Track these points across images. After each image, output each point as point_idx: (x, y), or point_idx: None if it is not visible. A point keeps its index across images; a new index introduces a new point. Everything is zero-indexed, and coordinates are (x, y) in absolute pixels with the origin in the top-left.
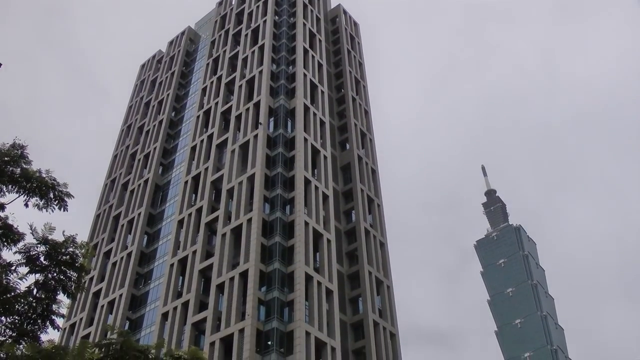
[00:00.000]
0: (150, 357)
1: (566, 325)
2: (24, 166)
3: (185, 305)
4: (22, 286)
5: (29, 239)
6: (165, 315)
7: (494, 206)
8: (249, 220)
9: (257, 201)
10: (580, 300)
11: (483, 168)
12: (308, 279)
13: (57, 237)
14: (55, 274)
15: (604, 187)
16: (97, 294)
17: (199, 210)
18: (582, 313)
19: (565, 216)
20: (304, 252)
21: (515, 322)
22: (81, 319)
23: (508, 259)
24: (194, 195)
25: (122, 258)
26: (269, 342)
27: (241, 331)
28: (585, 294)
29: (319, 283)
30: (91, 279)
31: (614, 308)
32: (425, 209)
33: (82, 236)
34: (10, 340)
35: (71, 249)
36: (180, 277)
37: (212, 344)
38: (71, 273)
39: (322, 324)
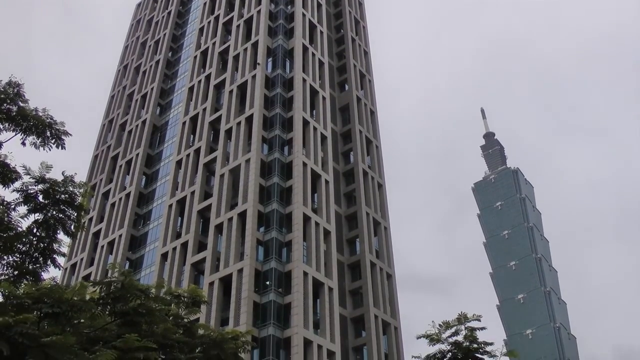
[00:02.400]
0: (151, 296)
1: (560, 268)
2: (21, 104)
3: (185, 245)
4: (23, 225)
5: (27, 179)
6: (164, 256)
7: (492, 149)
8: (247, 161)
9: (256, 142)
10: (575, 244)
11: (482, 110)
12: (306, 219)
13: (55, 176)
14: (54, 213)
15: (603, 134)
16: (96, 235)
17: (197, 151)
18: (577, 256)
19: (564, 161)
20: (302, 192)
21: (510, 264)
22: (82, 259)
23: (505, 202)
24: (192, 136)
25: (120, 199)
26: (267, 282)
27: (240, 271)
28: (580, 238)
29: (317, 224)
30: (90, 219)
31: (608, 252)
32: (423, 152)
33: (81, 177)
34: (12, 278)
35: (70, 188)
36: (179, 218)
37: (211, 284)
38: (70, 212)
39: (320, 264)
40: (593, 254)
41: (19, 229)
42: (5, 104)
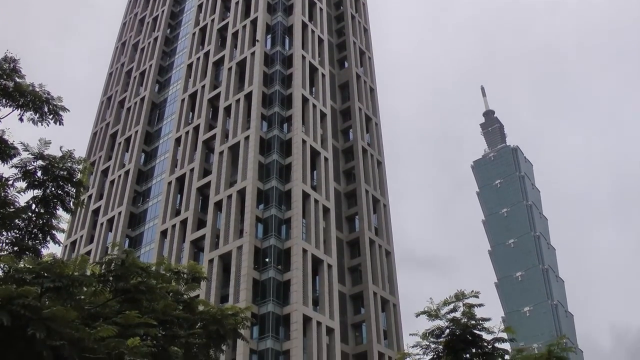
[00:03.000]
0: (151, 273)
1: (558, 246)
2: (17, 80)
3: (184, 223)
4: (21, 200)
5: (25, 155)
6: (164, 233)
7: (491, 127)
8: (247, 138)
9: (255, 119)
10: (573, 222)
11: (482, 88)
12: (305, 196)
13: (54, 153)
14: (53, 189)
15: (603, 114)
16: (96, 212)
17: (196, 129)
18: (575, 234)
19: (564, 139)
20: (302, 170)
21: (509, 242)
22: (81, 236)
23: (504, 180)
24: (191, 113)
25: (119, 176)
26: (267, 259)
27: (239, 248)
28: (579, 216)
29: (316, 201)
30: (90, 196)
31: (606, 231)
32: (422, 130)
33: (80, 154)
34: (12, 254)
35: (69, 164)
36: (179, 195)
37: (211, 261)
38: (69, 188)
39: (319, 241)
40: (591, 233)
41: (17, 204)
42: (1, 80)
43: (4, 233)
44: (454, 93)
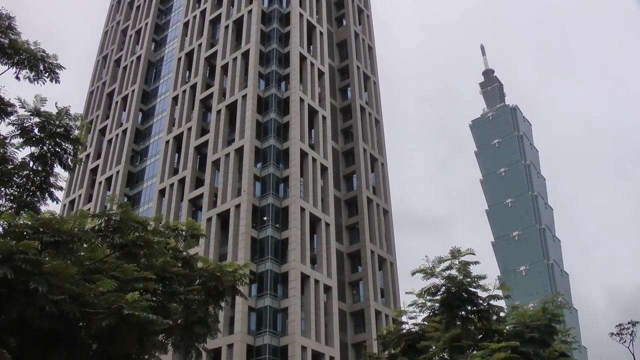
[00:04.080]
0: (149, 228)
1: (556, 206)
2: (12, 37)
3: (182, 181)
4: (19, 156)
5: (22, 112)
6: (162, 192)
7: (491, 86)
8: (244, 97)
9: (252, 77)
10: (572, 182)
11: (482, 47)
12: (303, 155)
13: (50, 110)
14: (50, 147)
15: (603, 72)
16: (94, 171)
17: (194, 87)
18: (573, 194)
19: (564, 99)
20: (299, 128)
21: (506, 201)
22: (80, 195)
23: (502, 139)
24: (187, 72)
25: (117, 135)
26: (265, 218)
27: (237, 207)
28: (577, 176)
29: (314, 159)
30: (88, 155)
31: (604, 191)
32: (421, 89)
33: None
34: (11, 211)
35: (65, 121)
36: (176, 154)
37: (209, 219)
38: (66, 145)
39: (317, 200)
40: (590, 193)
41: (14, 161)
42: None
43: (3, 190)
44: (454, 52)
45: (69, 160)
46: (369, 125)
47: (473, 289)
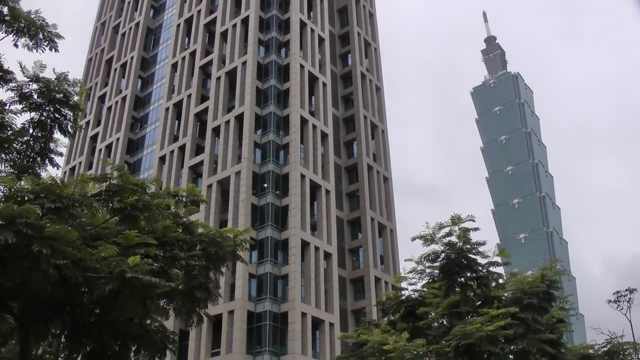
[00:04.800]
0: (148, 191)
1: (556, 174)
2: (11, 4)
3: (182, 148)
4: (18, 122)
5: (21, 79)
6: (162, 159)
7: (493, 53)
8: (244, 64)
9: (252, 44)
10: (572, 150)
11: (484, 14)
12: (303, 122)
13: (49, 76)
14: (49, 113)
15: (605, 40)
16: (94, 138)
17: (193, 54)
18: (574, 162)
19: (567, 67)
20: (300, 95)
21: (507, 169)
22: (80, 162)
23: (504, 107)
24: (187, 38)
25: (116, 102)
26: (265, 185)
27: (237, 174)
28: (578, 144)
29: (314, 126)
30: (87, 122)
31: (605, 160)
32: (423, 56)
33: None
34: (12, 177)
35: (64, 87)
36: (176, 121)
37: (210, 186)
38: (66, 111)
39: (317, 166)
40: (590, 161)
41: (14, 126)
42: None
43: (3, 156)
44: (456, 20)
45: (69, 126)
46: (370, 92)
47: (472, 256)
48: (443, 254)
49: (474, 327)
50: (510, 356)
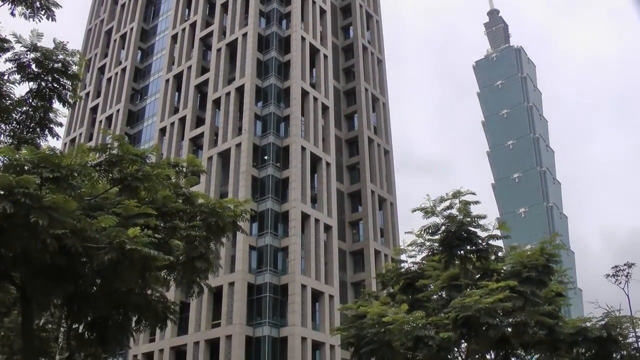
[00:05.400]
0: (147, 161)
1: (557, 149)
2: None
3: (182, 120)
4: (16, 91)
5: (19, 48)
6: (162, 131)
7: (495, 26)
8: (244, 35)
9: (253, 15)
10: (574, 125)
11: None
12: (304, 94)
13: (47, 46)
14: (48, 83)
15: (609, 13)
16: (94, 110)
17: (193, 25)
18: (575, 137)
19: (568, 41)
20: (301, 67)
21: (508, 143)
22: (80, 133)
23: (506, 81)
24: (187, 9)
25: (116, 73)
26: (265, 157)
27: (238, 146)
28: (580, 119)
29: (315, 99)
30: (87, 94)
31: (607, 135)
32: (425, 29)
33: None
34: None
35: (62, 57)
36: (176, 93)
37: (210, 158)
38: (65, 81)
39: (318, 139)
40: (592, 137)
41: (12, 95)
42: None
43: (2, 126)
44: None
45: (68, 96)
46: (371, 65)
47: (473, 229)
48: (443, 227)
49: (472, 300)
50: (508, 328)
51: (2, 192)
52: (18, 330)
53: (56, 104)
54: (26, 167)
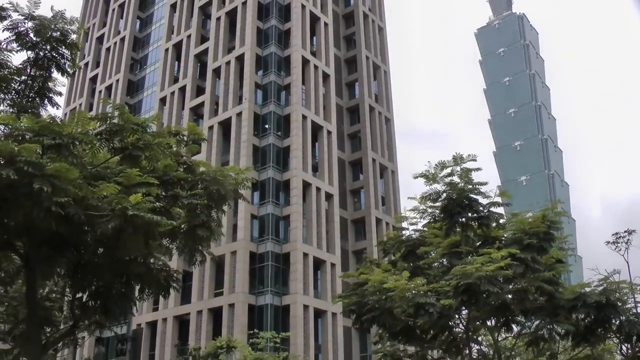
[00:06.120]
0: (148, 130)
1: (559, 116)
2: None
3: (183, 90)
4: (14, 60)
5: (16, 16)
6: (163, 100)
7: None
8: (244, 3)
9: None
10: (577, 93)
11: None
12: (305, 62)
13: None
14: (46, 52)
15: None
16: (93, 80)
17: None
18: (578, 105)
19: (575, 6)
20: (301, 35)
21: (509, 111)
22: (80, 104)
23: (508, 48)
24: None
25: (115, 43)
26: (266, 126)
27: (239, 115)
28: (583, 87)
29: (316, 67)
30: (86, 64)
31: (610, 103)
32: None
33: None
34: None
35: (61, 25)
36: (176, 62)
37: (211, 127)
38: (63, 50)
39: (319, 107)
40: (595, 105)
41: (10, 65)
42: None
43: (2, 95)
44: None
45: (67, 65)
46: (372, 33)
47: (474, 196)
48: (444, 194)
49: (473, 267)
50: (509, 295)
51: (3, 161)
52: (22, 299)
53: (55, 74)
54: (27, 136)
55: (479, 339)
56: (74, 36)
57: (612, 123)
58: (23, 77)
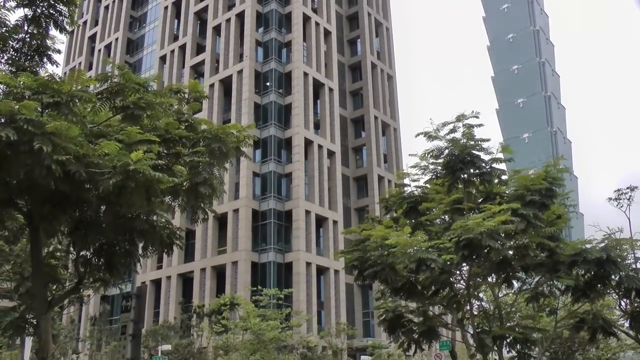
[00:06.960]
0: (150, 90)
1: (563, 74)
2: None
3: (183, 48)
4: (12, 18)
5: None
6: (163, 59)
7: None
8: None
9: None
10: (582, 50)
11: None
12: (306, 19)
13: None
14: (44, 9)
15: None
16: (92, 38)
17: None
18: (582, 61)
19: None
20: None
21: (513, 67)
22: (80, 63)
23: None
24: None
25: (113, 1)
26: (268, 83)
27: (239, 72)
28: (589, 44)
29: (317, 24)
30: (85, 22)
31: (616, 61)
32: None
33: None
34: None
35: None
36: (176, 20)
37: (212, 85)
38: (61, 7)
39: (320, 64)
40: (600, 63)
41: (7, 22)
42: None
43: (0, 55)
44: None
45: (65, 22)
46: None
47: (476, 152)
48: (447, 150)
49: (474, 222)
50: (510, 251)
51: (3, 120)
52: (28, 257)
53: (53, 31)
54: (26, 95)
55: (480, 295)
56: None
57: (619, 79)
58: (21, 35)
